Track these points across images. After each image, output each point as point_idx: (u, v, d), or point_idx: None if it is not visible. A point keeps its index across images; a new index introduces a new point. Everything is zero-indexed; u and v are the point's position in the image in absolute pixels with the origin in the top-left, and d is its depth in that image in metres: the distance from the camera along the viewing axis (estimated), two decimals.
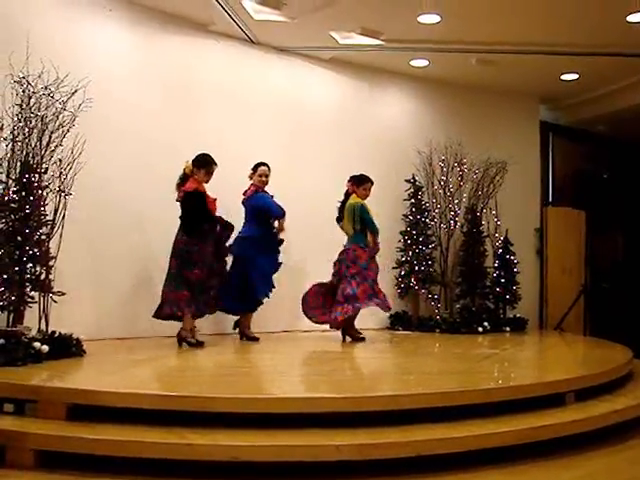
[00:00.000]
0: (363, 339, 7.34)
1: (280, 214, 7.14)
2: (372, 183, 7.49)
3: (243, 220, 7.23)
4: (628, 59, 8.48)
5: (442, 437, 3.89)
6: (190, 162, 6.62)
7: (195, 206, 6.47)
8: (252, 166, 7.29)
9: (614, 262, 11.52)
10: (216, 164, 6.65)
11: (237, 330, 7.30)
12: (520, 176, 9.78)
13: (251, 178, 7.30)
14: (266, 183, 7.26)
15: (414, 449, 3.78)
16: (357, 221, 7.31)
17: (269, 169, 7.28)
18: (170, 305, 6.43)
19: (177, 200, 6.62)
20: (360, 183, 7.44)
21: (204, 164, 6.59)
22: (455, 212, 9.40)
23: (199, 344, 6.46)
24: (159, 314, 6.51)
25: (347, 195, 7.54)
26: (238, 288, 7.00)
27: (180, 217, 6.56)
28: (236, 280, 7.00)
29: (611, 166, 11.63)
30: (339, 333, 7.43)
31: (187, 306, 6.42)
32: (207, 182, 6.62)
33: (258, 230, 7.14)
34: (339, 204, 7.57)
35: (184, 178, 6.61)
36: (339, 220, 7.56)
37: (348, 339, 7.35)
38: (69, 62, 5.98)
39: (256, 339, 7.15)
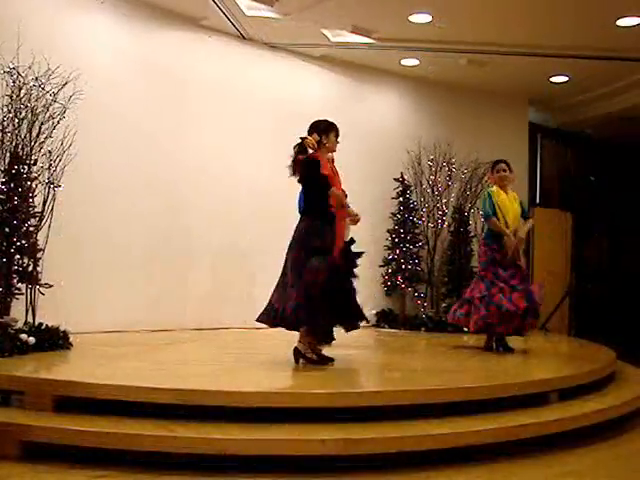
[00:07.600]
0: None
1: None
2: (506, 163, 6.53)
3: None
4: (617, 63, 8.56)
5: (424, 434, 3.91)
6: (310, 136, 5.30)
7: (309, 175, 5.14)
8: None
9: (599, 264, 11.60)
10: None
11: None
12: None
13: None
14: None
15: (397, 445, 3.81)
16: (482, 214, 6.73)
17: None
18: (273, 309, 5.10)
19: (298, 181, 5.29)
20: (493, 168, 6.64)
21: (330, 127, 5.37)
22: (443, 211, 9.44)
23: (323, 361, 5.14)
24: (260, 318, 5.20)
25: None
26: None
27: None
28: None
29: (599, 169, 11.72)
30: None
31: (300, 311, 4.92)
32: (334, 150, 5.44)
33: None
34: None
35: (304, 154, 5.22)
36: None
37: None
38: (60, 54, 5.98)
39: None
